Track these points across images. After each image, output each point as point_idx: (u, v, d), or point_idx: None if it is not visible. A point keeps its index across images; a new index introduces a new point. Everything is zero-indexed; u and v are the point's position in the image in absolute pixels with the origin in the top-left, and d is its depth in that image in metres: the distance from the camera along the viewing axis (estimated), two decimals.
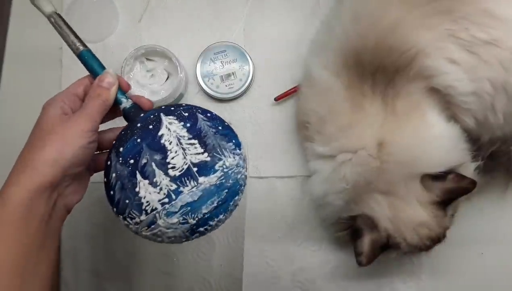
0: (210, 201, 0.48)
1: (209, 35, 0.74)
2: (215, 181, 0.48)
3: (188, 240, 0.51)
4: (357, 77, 0.59)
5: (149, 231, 0.48)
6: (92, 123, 0.49)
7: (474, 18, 0.56)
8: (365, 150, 0.58)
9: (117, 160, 0.48)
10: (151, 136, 0.48)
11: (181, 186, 0.47)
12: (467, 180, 0.57)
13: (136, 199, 0.47)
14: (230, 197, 0.50)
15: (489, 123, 0.60)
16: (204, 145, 0.48)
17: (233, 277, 0.70)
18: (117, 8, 0.76)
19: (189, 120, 0.49)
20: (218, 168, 0.48)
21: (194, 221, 0.48)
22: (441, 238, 0.59)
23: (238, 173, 0.51)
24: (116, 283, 0.71)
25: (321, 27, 0.69)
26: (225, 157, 0.49)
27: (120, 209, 0.48)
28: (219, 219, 0.50)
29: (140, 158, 0.47)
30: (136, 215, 0.48)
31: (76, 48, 0.55)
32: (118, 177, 0.48)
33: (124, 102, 0.53)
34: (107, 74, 0.53)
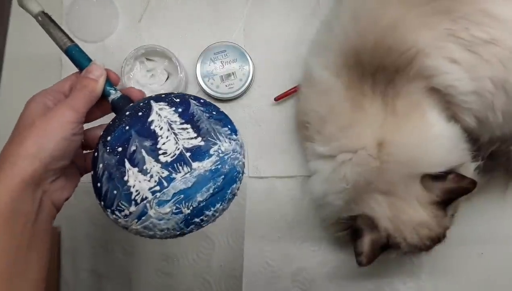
0: (205, 188, 0.44)
1: (209, 35, 0.74)
2: (210, 166, 0.44)
3: (182, 233, 0.46)
4: (357, 77, 0.60)
5: (140, 224, 0.44)
6: (76, 114, 0.46)
7: (474, 18, 0.56)
8: (365, 150, 0.58)
9: (105, 149, 0.45)
10: (141, 123, 0.45)
11: (173, 172, 0.43)
12: (467, 180, 0.57)
13: (124, 189, 0.43)
14: (227, 184, 0.46)
15: (489, 122, 0.60)
16: (198, 129, 0.45)
17: (233, 277, 0.70)
18: (117, 8, 0.76)
19: (181, 106, 0.47)
20: (213, 153, 0.45)
21: (189, 210, 0.44)
22: (441, 238, 0.59)
23: (235, 158, 0.47)
24: (116, 283, 0.71)
25: (321, 27, 0.69)
26: (220, 141, 0.46)
27: (107, 201, 0.45)
28: (216, 208, 0.46)
29: (128, 145, 0.44)
30: (125, 206, 0.44)
31: (64, 44, 0.53)
32: (105, 166, 0.45)
33: (113, 94, 0.51)
34: (94, 66, 0.51)
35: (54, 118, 0.46)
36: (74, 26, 0.75)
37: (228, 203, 0.48)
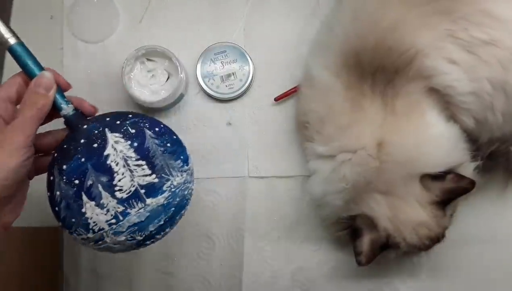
0: (157, 220, 0.48)
1: (209, 36, 0.74)
2: (163, 201, 0.48)
3: (134, 250, 0.51)
4: (357, 78, 0.60)
5: (97, 246, 0.49)
6: (25, 139, 0.44)
7: (473, 19, 0.56)
8: (364, 150, 0.58)
9: (61, 178, 0.47)
10: (97, 156, 0.46)
11: (128, 208, 0.46)
12: (466, 180, 0.57)
13: (83, 219, 0.47)
14: (177, 212, 0.50)
15: (488, 123, 0.60)
16: (152, 166, 0.48)
17: (233, 277, 0.70)
18: (117, 8, 0.76)
19: (137, 139, 0.48)
20: (166, 189, 0.48)
21: (141, 237, 0.49)
22: (441, 238, 0.60)
23: (186, 189, 0.51)
24: (116, 282, 0.71)
25: (321, 27, 0.69)
26: (173, 177, 0.49)
27: (66, 224, 0.48)
28: (165, 232, 0.51)
29: (85, 179, 0.46)
30: (83, 232, 0.47)
31: (5, 41, 0.49)
32: (62, 196, 0.47)
33: (65, 109, 0.50)
34: (43, 77, 0.47)
35: (4, 144, 0.43)
36: (74, 26, 0.75)
37: (176, 224, 0.52)
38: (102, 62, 0.74)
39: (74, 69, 0.74)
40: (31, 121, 0.45)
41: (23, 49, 0.50)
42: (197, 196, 0.71)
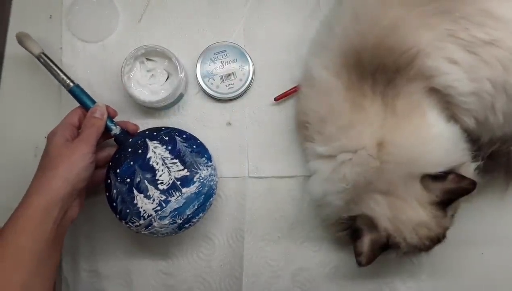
0: (192, 205, 0.61)
1: (209, 35, 0.74)
2: (195, 190, 0.61)
3: (177, 233, 0.64)
4: (357, 77, 0.59)
5: (147, 230, 0.62)
6: (90, 148, 0.60)
7: (474, 18, 0.56)
8: (365, 150, 0.58)
9: (116, 179, 0.61)
10: (141, 159, 0.61)
11: (169, 196, 0.60)
12: (467, 180, 0.57)
13: (135, 209, 0.60)
14: (207, 199, 0.63)
15: (489, 123, 0.60)
16: (184, 163, 0.62)
17: (233, 277, 0.70)
18: (117, 8, 0.76)
19: (170, 144, 0.62)
20: (196, 180, 0.61)
21: (181, 220, 0.61)
22: (441, 238, 0.59)
23: (211, 180, 0.64)
24: (116, 283, 0.71)
25: (321, 27, 0.69)
26: (200, 170, 0.62)
27: (122, 216, 0.61)
28: (200, 216, 0.63)
29: (134, 177, 0.60)
30: (136, 220, 0.61)
31: (67, 85, 0.66)
32: (118, 192, 0.61)
33: (114, 129, 0.65)
34: (98, 107, 0.64)
35: (76, 153, 0.59)
36: (74, 26, 0.75)
37: (207, 210, 0.65)
38: (101, 62, 0.74)
39: (73, 68, 0.74)
40: (92, 136, 0.61)
41: (80, 90, 0.66)
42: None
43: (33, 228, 0.55)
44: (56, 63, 0.67)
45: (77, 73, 0.74)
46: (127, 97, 0.71)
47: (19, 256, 0.54)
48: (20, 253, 0.54)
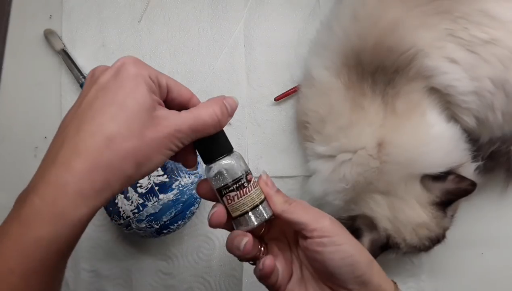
0: (168, 212, 0.61)
1: (209, 35, 0.74)
2: (172, 197, 0.61)
3: (157, 237, 0.65)
4: (357, 77, 0.59)
5: (127, 230, 0.63)
6: (178, 143, 0.39)
7: (473, 18, 0.56)
8: (365, 150, 0.58)
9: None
10: None
11: (146, 200, 0.60)
12: (467, 181, 0.57)
13: (115, 208, 0.62)
14: (186, 208, 0.63)
15: (489, 122, 0.60)
16: (164, 168, 0.62)
17: (233, 277, 0.70)
18: (117, 8, 0.76)
19: None
20: (175, 187, 0.61)
21: (158, 226, 0.62)
22: (441, 239, 0.59)
23: (194, 189, 0.62)
24: (116, 283, 0.71)
25: (321, 27, 0.69)
26: (181, 177, 0.62)
27: (108, 212, 0.64)
28: (178, 224, 0.64)
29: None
30: (117, 218, 0.62)
31: (80, 80, 0.69)
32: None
33: None
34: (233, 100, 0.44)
35: (160, 139, 0.38)
36: (73, 26, 0.75)
37: (189, 219, 0.66)
38: (101, 62, 0.74)
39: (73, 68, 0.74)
40: (203, 128, 0.43)
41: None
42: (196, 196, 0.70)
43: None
44: (74, 61, 0.70)
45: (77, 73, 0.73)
46: None
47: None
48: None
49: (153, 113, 0.38)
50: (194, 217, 0.69)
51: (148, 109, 0.37)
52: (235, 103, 0.44)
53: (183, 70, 0.74)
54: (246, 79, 0.73)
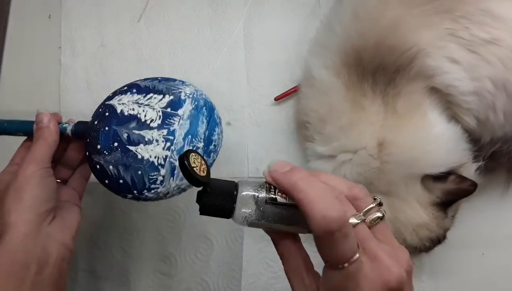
0: (200, 121, 0.53)
1: (208, 35, 0.74)
2: (191, 106, 0.53)
3: (209, 156, 0.55)
4: (357, 77, 0.59)
5: (176, 177, 0.51)
6: (38, 164, 0.50)
7: (474, 17, 0.56)
8: (365, 150, 0.58)
9: (103, 155, 0.50)
10: (114, 118, 0.51)
11: (169, 126, 0.51)
12: (467, 181, 0.57)
13: (146, 164, 0.50)
14: (211, 111, 0.55)
15: (490, 123, 0.60)
16: (160, 92, 0.53)
17: (232, 278, 0.70)
18: (116, 7, 0.75)
19: (133, 88, 0.53)
20: (184, 97, 0.53)
21: (202, 142, 0.53)
22: (441, 239, 0.59)
23: (201, 93, 0.55)
24: (113, 283, 0.71)
25: (321, 27, 0.69)
26: (182, 89, 0.54)
27: (138, 185, 0.50)
28: (217, 132, 0.55)
29: (120, 137, 0.50)
30: (155, 175, 0.50)
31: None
32: (115, 164, 0.50)
33: (68, 127, 0.55)
34: (40, 115, 0.54)
35: (20, 175, 0.49)
36: (73, 25, 0.75)
37: (221, 125, 0.57)
38: (100, 62, 0.74)
39: (72, 68, 0.74)
40: (40, 149, 0.52)
41: (8, 122, 0.56)
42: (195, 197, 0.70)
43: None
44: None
45: (76, 72, 0.73)
46: None
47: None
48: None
49: None
50: (192, 217, 0.69)
51: None
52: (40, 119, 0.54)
53: (182, 70, 0.74)
54: (246, 79, 0.73)
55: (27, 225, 0.47)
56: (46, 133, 0.52)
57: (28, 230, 0.47)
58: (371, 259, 0.37)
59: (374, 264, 0.37)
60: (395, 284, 0.36)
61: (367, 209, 0.39)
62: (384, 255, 0.37)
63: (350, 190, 0.40)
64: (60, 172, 0.58)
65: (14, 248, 0.46)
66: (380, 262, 0.36)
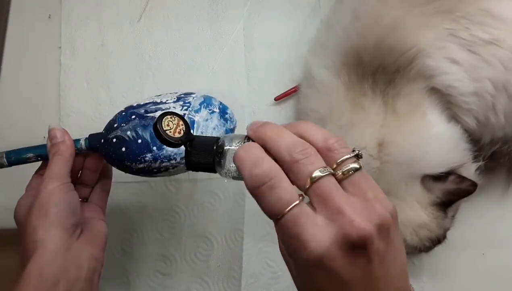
0: (213, 99, 0.59)
1: (208, 35, 0.74)
2: (202, 98, 0.58)
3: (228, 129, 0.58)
4: (357, 77, 0.59)
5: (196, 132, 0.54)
6: (58, 180, 0.50)
7: (475, 18, 0.56)
8: (365, 150, 0.58)
9: (120, 128, 0.52)
10: (131, 108, 0.54)
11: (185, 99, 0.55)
12: (467, 181, 0.57)
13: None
14: (224, 107, 0.60)
15: (490, 123, 0.60)
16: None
17: (232, 278, 0.70)
18: (116, 7, 0.75)
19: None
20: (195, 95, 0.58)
21: (217, 109, 0.57)
22: (441, 239, 0.59)
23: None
24: (114, 283, 0.71)
25: (321, 26, 0.69)
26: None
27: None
28: (229, 112, 0.60)
29: (137, 113, 0.53)
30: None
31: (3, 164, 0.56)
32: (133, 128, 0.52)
33: (81, 140, 0.55)
34: (53, 130, 0.53)
35: (42, 192, 0.49)
36: (72, 25, 0.75)
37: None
38: (100, 62, 0.74)
39: (72, 68, 0.74)
40: (58, 165, 0.52)
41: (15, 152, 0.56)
42: (195, 197, 0.70)
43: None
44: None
45: (76, 72, 0.73)
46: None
47: None
48: None
49: None
50: (192, 217, 0.69)
51: None
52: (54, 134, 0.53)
53: (182, 70, 0.73)
54: (246, 79, 0.73)
55: (55, 240, 0.47)
56: (62, 148, 0.52)
57: (56, 246, 0.47)
58: (333, 212, 0.34)
59: (335, 216, 0.34)
60: (357, 238, 0.33)
61: (341, 161, 0.36)
62: (348, 208, 0.34)
63: (325, 141, 0.37)
64: (80, 191, 0.57)
65: (42, 265, 0.46)
66: (342, 214, 0.34)
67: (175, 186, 0.71)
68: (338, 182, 0.36)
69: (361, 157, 0.38)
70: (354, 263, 0.34)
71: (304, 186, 0.35)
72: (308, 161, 0.36)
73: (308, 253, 0.34)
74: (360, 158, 0.38)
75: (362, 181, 0.37)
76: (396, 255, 0.36)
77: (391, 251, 0.36)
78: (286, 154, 0.36)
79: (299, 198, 0.35)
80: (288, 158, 0.36)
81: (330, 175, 0.35)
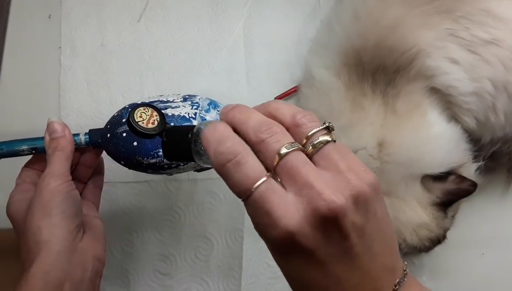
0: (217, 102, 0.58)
1: (208, 35, 0.74)
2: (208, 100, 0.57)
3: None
4: (357, 77, 0.59)
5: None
6: (59, 178, 0.48)
7: (475, 18, 0.56)
8: (365, 150, 0.58)
9: (122, 129, 0.51)
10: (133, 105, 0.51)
11: (192, 99, 0.55)
12: (467, 181, 0.57)
13: (177, 117, 0.52)
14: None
15: (490, 123, 0.60)
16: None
17: (231, 278, 0.70)
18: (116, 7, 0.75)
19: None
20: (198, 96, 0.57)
21: (222, 106, 0.54)
22: (441, 239, 0.59)
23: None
24: (114, 283, 0.71)
25: (321, 26, 0.68)
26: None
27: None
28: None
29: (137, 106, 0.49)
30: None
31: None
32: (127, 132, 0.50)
33: (80, 135, 0.53)
34: (52, 123, 0.51)
35: (44, 191, 0.47)
36: (72, 25, 0.75)
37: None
38: (100, 62, 0.74)
39: (72, 68, 0.74)
40: (59, 162, 0.50)
41: (7, 143, 0.54)
42: (195, 197, 0.70)
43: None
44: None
45: (76, 72, 0.73)
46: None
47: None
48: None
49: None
50: (192, 217, 0.69)
51: None
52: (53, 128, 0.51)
53: (182, 70, 0.73)
54: (246, 79, 0.73)
55: (60, 242, 0.46)
56: (63, 143, 0.50)
57: (62, 248, 0.46)
58: (301, 186, 0.33)
59: (304, 191, 0.33)
60: (327, 212, 0.31)
61: (310, 134, 0.35)
62: (318, 181, 0.32)
63: (292, 118, 0.36)
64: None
65: (47, 267, 0.45)
66: (311, 188, 0.32)
67: (175, 186, 0.71)
68: (309, 157, 0.35)
69: (332, 129, 0.36)
70: (329, 240, 0.33)
71: (272, 165, 0.34)
72: (273, 139, 0.34)
73: (278, 232, 0.33)
74: (332, 130, 0.36)
75: (333, 152, 0.35)
76: (379, 229, 0.34)
77: (372, 225, 0.34)
78: (253, 134, 0.35)
79: (267, 175, 0.34)
80: (254, 139, 0.35)
81: (297, 150, 0.34)
